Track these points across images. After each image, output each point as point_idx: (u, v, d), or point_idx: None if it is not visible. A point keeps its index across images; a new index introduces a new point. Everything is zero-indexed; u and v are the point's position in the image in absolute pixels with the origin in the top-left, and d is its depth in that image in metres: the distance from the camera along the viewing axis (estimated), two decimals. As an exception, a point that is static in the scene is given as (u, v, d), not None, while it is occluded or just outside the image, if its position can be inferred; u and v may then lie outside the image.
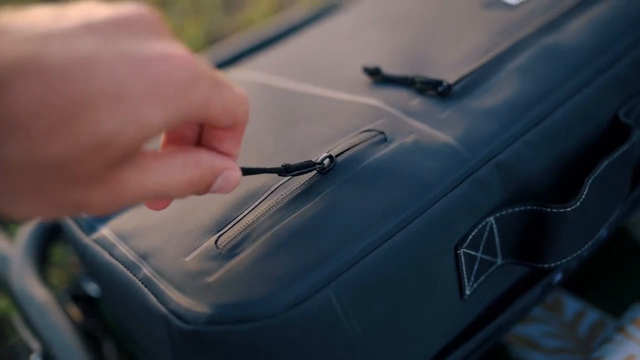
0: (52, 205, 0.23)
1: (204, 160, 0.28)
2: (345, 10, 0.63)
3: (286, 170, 0.35)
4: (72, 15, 0.23)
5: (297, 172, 0.36)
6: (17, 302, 0.56)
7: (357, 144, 0.39)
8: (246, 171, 0.32)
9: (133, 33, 0.23)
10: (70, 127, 0.21)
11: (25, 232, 0.61)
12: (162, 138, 0.29)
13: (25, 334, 0.55)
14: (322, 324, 0.31)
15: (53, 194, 0.22)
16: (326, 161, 0.37)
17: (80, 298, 0.59)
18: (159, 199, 0.30)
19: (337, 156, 0.37)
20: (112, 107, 0.22)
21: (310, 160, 0.36)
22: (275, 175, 0.37)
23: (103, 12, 0.23)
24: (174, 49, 0.24)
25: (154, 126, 0.23)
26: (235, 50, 0.70)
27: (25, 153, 0.21)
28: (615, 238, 0.56)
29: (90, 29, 0.22)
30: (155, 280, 0.34)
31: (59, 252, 0.86)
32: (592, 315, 0.51)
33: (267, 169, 0.34)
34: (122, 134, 0.22)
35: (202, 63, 0.25)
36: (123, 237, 0.38)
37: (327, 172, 0.37)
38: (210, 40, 1.37)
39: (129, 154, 0.23)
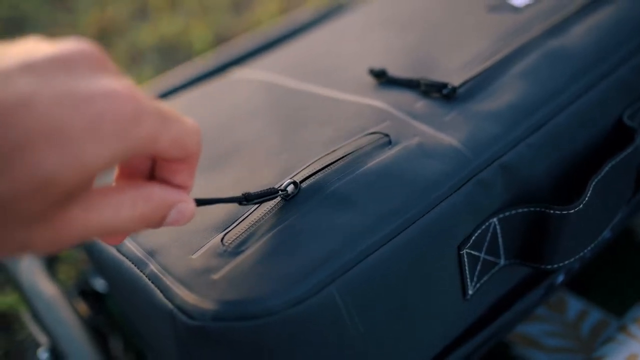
0: None
1: (155, 194, 0.27)
2: (351, 11, 0.63)
3: (246, 199, 0.34)
4: (12, 54, 0.22)
5: (258, 200, 0.35)
6: (25, 296, 0.57)
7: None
8: (201, 202, 0.31)
9: (74, 70, 0.23)
10: (7, 168, 0.21)
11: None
12: (115, 172, 0.29)
13: (33, 328, 0.56)
14: (325, 321, 0.32)
15: None
16: (290, 187, 0.36)
17: (88, 294, 0.59)
18: (111, 235, 0.29)
19: (302, 181, 0.37)
20: (52, 146, 0.21)
21: (273, 187, 0.36)
22: (279, 172, 0.38)
23: (43, 49, 0.23)
24: (116, 84, 0.24)
25: (96, 164, 0.22)
26: (242, 50, 0.71)
27: None
28: (620, 239, 0.56)
29: (30, 68, 0.22)
30: (162, 277, 0.34)
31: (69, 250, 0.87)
32: (595, 314, 0.51)
33: (225, 198, 0.33)
34: (62, 174, 0.21)
35: (147, 97, 0.25)
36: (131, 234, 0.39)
37: (291, 198, 0.36)
38: (218, 40, 1.38)
39: (73, 193, 0.23)
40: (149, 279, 0.35)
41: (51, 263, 0.60)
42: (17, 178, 0.21)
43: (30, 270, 0.57)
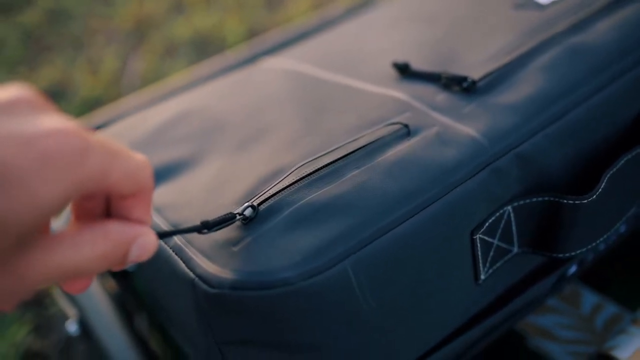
0: None
1: (113, 231, 0.26)
2: (380, 6, 0.64)
3: (205, 227, 0.34)
4: None
5: (216, 227, 0.34)
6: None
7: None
8: (160, 235, 0.30)
9: (15, 113, 0.23)
10: None
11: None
12: (70, 217, 0.29)
13: (63, 301, 0.58)
14: (338, 295, 0.33)
15: None
16: (248, 211, 0.36)
17: (116, 272, 0.62)
18: (74, 279, 0.28)
19: (259, 205, 0.37)
20: (0, 189, 0.21)
21: (231, 213, 0.35)
22: (302, 154, 0.39)
23: None
24: (59, 123, 0.23)
25: (48, 203, 0.22)
26: (273, 42, 0.73)
27: None
28: (638, 234, 0.56)
29: None
30: (185, 248, 0.36)
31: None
32: (610, 308, 0.51)
33: (185, 228, 0.33)
34: (14, 215, 0.21)
35: (92, 134, 0.24)
36: (158, 209, 0.41)
37: (249, 222, 0.36)
38: (251, 35, 1.40)
39: (28, 235, 0.22)
40: (173, 251, 0.37)
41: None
42: None
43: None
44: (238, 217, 0.36)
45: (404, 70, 0.48)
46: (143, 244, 0.27)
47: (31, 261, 0.23)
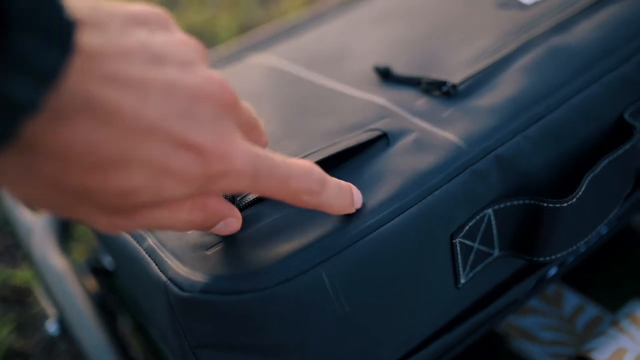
0: (66, 212, 0.26)
1: (210, 205, 0.30)
2: (368, 4, 0.64)
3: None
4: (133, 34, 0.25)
5: None
6: (37, 269, 0.59)
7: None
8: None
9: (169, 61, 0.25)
10: (101, 173, 0.23)
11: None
12: None
13: (43, 300, 0.58)
14: (311, 300, 0.33)
15: (68, 204, 0.25)
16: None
17: (98, 272, 0.61)
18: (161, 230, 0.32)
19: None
20: (142, 171, 0.24)
21: None
22: None
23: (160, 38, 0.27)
24: (218, 142, 0.26)
25: (173, 196, 0.26)
26: (262, 38, 0.72)
27: (56, 176, 0.23)
28: (623, 237, 0.56)
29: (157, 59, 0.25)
30: (158, 250, 0.36)
31: (83, 229, 0.90)
32: (591, 310, 0.51)
33: None
34: (143, 193, 0.25)
35: (246, 153, 0.27)
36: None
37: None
38: (243, 31, 1.40)
39: (146, 204, 0.26)
40: (146, 253, 0.37)
41: (64, 238, 0.62)
42: (105, 181, 0.24)
43: (42, 244, 0.59)
44: None
45: (385, 75, 0.47)
46: (230, 224, 0.32)
47: (139, 212, 0.26)
